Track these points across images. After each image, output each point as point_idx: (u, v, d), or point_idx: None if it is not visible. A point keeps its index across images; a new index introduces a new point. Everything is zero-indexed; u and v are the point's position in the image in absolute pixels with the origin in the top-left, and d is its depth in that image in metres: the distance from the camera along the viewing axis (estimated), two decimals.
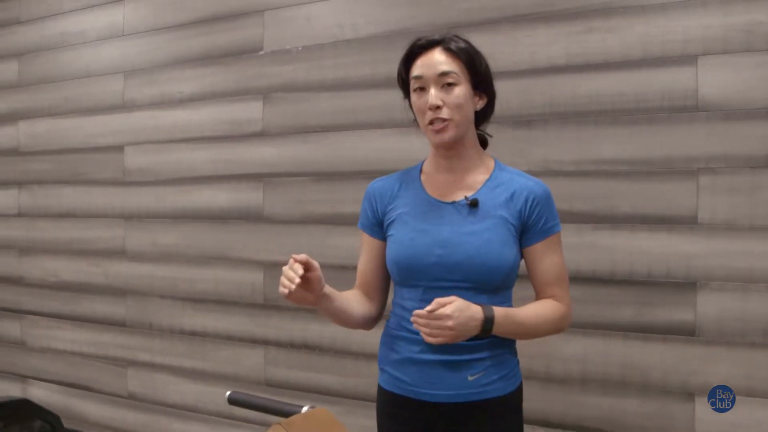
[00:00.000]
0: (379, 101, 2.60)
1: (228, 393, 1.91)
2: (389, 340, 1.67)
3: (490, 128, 1.81)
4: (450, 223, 1.59)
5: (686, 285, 2.10)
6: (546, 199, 1.62)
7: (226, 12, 2.95)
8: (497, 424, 1.58)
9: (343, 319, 1.65)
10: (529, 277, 1.69)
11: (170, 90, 3.10)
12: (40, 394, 3.56)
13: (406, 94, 1.68)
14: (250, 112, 2.89)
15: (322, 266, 1.56)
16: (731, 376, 2.04)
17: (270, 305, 2.85)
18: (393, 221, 1.66)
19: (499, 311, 1.53)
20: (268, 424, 2.78)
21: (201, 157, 3.01)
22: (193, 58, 3.03)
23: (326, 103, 2.71)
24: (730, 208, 2.05)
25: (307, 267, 1.47)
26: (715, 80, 2.06)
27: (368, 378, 2.60)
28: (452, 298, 1.47)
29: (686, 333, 2.10)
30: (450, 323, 1.43)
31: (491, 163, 1.68)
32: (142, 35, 3.19)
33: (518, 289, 1.71)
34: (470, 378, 1.55)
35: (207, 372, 3.02)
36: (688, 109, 2.09)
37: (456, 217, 1.59)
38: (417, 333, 1.53)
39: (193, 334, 3.05)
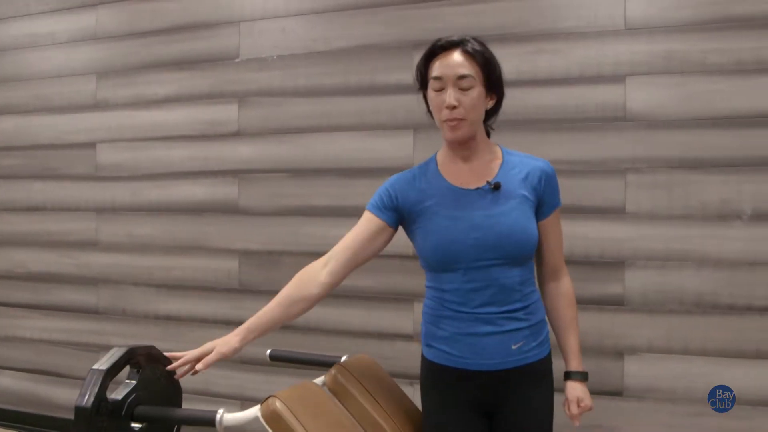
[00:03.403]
0: (349, 107, 2.92)
1: (268, 351, 2.12)
2: (433, 319, 1.75)
3: None
4: (480, 207, 1.67)
5: (616, 264, 2.54)
6: (554, 177, 1.76)
7: (202, 21, 3.19)
8: (535, 385, 1.72)
9: (280, 326, 1.76)
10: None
11: (145, 92, 3.30)
12: (6, 382, 3.66)
13: (422, 87, 1.74)
14: (227, 113, 3.13)
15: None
16: (653, 338, 2.50)
17: (245, 289, 3.10)
18: (421, 214, 1.72)
19: (577, 362, 1.81)
20: (252, 400, 3.01)
21: (178, 155, 3.23)
22: (169, 63, 3.25)
23: (300, 108, 3.00)
24: (652, 201, 2.50)
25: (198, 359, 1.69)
26: (640, 96, 2.51)
27: (341, 353, 2.89)
28: (584, 402, 1.79)
29: (616, 303, 2.54)
30: (589, 405, 1.79)
31: (498, 150, 1.78)
32: (116, 39, 3.37)
33: None
34: (514, 347, 1.67)
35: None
36: (617, 120, 2.53)
37: (483, 201, 1.68)
38: (460, 311, 1.68)
39: (168, 319, 3.26)
